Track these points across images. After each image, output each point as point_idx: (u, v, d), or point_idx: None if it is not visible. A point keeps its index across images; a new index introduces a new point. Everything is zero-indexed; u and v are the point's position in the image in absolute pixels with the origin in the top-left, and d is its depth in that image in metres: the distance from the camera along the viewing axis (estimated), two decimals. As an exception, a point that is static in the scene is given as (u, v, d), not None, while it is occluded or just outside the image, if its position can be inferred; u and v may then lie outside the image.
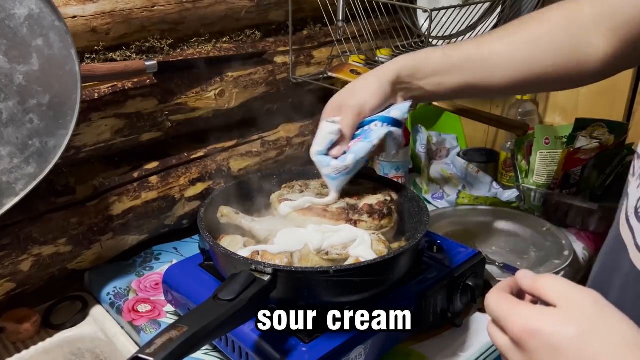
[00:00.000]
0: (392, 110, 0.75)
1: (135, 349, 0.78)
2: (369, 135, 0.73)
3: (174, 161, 0.98)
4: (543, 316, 0.43)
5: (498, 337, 0.46)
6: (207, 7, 0.95)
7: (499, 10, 1.15)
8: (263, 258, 0.69)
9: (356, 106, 0.74)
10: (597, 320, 0.42)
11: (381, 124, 0.73)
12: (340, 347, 0.65)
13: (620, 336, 0.41)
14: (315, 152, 0.74)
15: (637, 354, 0.40)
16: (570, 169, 1.11)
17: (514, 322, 0.44)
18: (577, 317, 0.43)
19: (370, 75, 0.77)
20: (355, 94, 0.75)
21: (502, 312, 0.46)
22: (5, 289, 0.81)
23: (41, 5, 0.67)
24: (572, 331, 0.42)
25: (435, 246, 0.82)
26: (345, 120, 0.74)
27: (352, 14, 1.05)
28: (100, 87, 0.86)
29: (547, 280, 0.46)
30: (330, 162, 0.73)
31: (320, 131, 0.74)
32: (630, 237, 0.54)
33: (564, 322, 0.42)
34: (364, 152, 0.73)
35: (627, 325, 0.42)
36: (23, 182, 0.70)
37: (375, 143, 0.73)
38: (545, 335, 0.42)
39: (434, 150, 1.37)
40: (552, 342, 0.42)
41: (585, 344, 0.41)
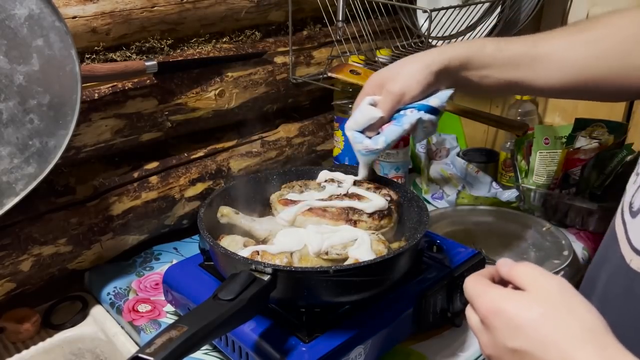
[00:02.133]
0: (432, 98, 0.75)
1: (135, 349, 0.78)
2: (401, 120, 0.74)
3: (174, 161, 0.98)
4: (509, 297, 0.46)
5: (471, 317, 0.49)
6: (207, 7, 0.95)
7: (498, 10, 1.15)
8: (263, 258, 0.69)
9: (397, 94, 0.73)
10: (560, 306, 0.44)
11: (417, 111, 0.74)
12: (340, 346, 0.65)
13: (578, 321, 0.43)
14: (351, 128, 0.77)
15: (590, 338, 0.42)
16: (569, 169, 1.11)
17: (481, 302, 0.47)
18: (540, 300, 0.45)
19: (418, 61, 0.75)
20: (399, 79, 0.74)
21: (475, 292, 0.49)
22: (5, 289, 0.81)
23: (41, 6, 0.67)
24: (534, 313, 0.44)
25: (435, 246, 0.82)
26: (384, 104, 0.74)
27: (352, 14, 1.05)
28: (100, 87, 0.86)
29: (521, 267, 0.48)
30: (363, 140, 0.76)
31: (360, 111, 0.75)
32: (622, 231, 0.54)
33: (527, 305, 0.45)
34: (394, 136, 0.74)
35: (588, 312, 0.44)
36: (23, 182, 0.70)
37: (407, 128, 0.74)
38: (508, 315, 0.45)
39: (433, 150, 1.37)
40: (513, 321, 0.44)
41: (543, 326, 0.43)
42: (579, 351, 0.41)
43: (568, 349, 0.42)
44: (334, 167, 0.91)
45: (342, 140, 1.12)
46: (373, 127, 0.75)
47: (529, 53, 0.73)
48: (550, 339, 0.42)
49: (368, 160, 0.80)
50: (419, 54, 0.77)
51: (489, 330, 0.46)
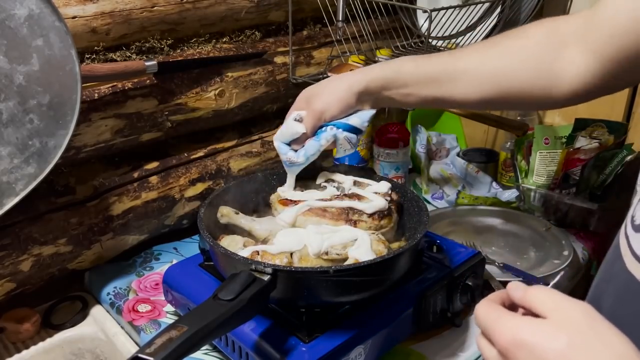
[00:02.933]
0: (353, 117, 0.79)
1: (135, 349, 0.78)
2: (319, 136, 0.79)
3: (174, 161, 0.98)
4: (531, 327, 0.42)
5: (486, 349, 0.45)
6: (207, 7, 0.95)
7: (498, 10, 1.15)
8: (263, 258, 0.69)
9: (318, 111, 0.78)
10: (587, 333, 0.41)
11: (336, 128, 0.78)
12: (340, 346, 0.65)
13: (608, 349, 0.40)
14: (277, 139, 0.81)
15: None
16: (569, 169, 1.11)
17: (501, 333, 0.43)
18: (566, 329, 0.41)
19: (343, 81, 0.79)
20: (322, 96, 0.78)
21: (490, 322, 0.45)
22: (5, 289, 0.81)
23: (41, 6, 0.67)
24: (561, 343, 0.40)
25: (435, 246, 0.82)
26: (307, 121, 0.78)
27: (352, 14, 1.05)
28: (100, 87, 0.86)
29: (538, 292, 0.44)
30: (287, 152, 0.80)
31: (286, 125, 0.80)
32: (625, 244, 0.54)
33: (553, 334, 0.41)
34: (313, 150, 0.79)
35: (619, 340, 0.41)
36: (23, 182, 0.70)
37: (323, 143, 0.78)
38: (533, 347, 0.41)
39: (433, 151, 1.37)
40: (539, 354, 0.41)
41: (571, 356, 0.40)
42: None
43: None
44: (333, 167, 0.92)
45: (342, 140, 1.12)
46: (298, 141, 0.79)
47: (446, 70, 0.75)
48: None
49: (293, 172, 0.83)
50: (346, 73, 0.81)
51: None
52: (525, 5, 1.21)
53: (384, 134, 1.15)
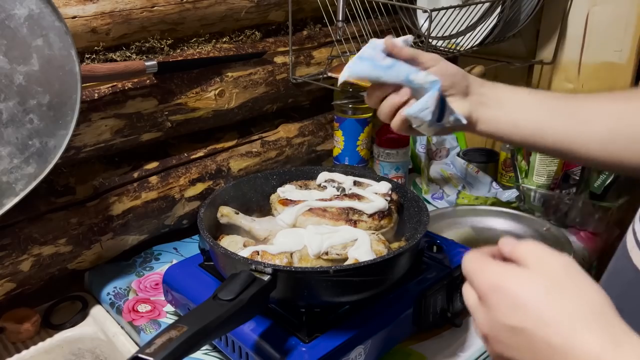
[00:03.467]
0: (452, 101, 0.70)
1: (135, 349, 0.78)
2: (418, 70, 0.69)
3: (174, 161, 0.98)
4: (509, 273, 0.43)
5: (468, 295, 0.47)
6: (207, 7, 0.95)
7: (498, 10, 1.15)
8: (263, 258, 0.69)
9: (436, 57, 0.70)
10: (564, 284, 0.41)
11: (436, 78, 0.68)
12: (340, 347, 0.65)
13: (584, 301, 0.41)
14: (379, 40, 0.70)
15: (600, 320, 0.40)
16: (569, 169, 1.11)
17: (480, 278, 0.45)
18: (543, 277, 0.42)
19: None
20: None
21: (473, 268, 0.46)
22: (5, 289, 0.81)
23: (41, 6, 0.67)
24: (536, 290, 0.41)
25: (434, 246, 0.82)
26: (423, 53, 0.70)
27: (352, 14, 1.05)
28: (100, 87, 0.86)
29: (525, 245, 0.45)
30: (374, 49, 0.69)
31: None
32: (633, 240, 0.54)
33: (529, 281, 0.42)
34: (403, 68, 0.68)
35: (595, 292, 0.41)
36: (23, 182, 0.70)
37: (419, 76, 0.68)
38: (508, 291, 0.42)
39: (433, 150, 1.37)
40: (513, 298, 0.42)
41: (545, 303, 0.41)
42: (583, 331, 0.39)
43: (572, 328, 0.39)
44: (333, 167, 0.92)
45: (342, 140, 1.12)
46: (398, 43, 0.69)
47: (564, 96, 0.70)
48: (552, 317, 0.40)
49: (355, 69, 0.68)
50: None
51: (486, 308, 0.44)
52: (525, 5, 1.21)
53: (384, 134, 1.15)
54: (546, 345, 0.40)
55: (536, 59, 1.30)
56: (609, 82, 1.18)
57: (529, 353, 0.41)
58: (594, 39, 1.19)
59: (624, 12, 1.14)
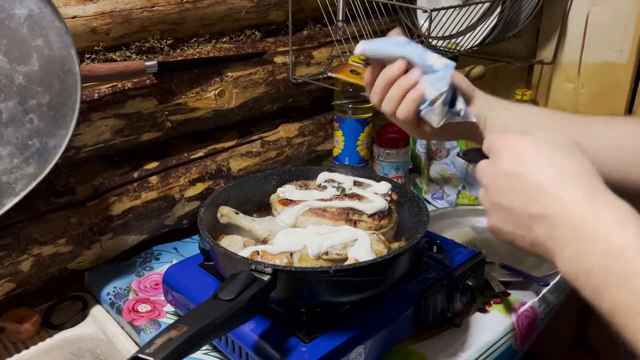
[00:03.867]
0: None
1: (135, 349, 0.78)
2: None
3: (174, 161, 0.98)
4: (525, 137, 0.51)
5: (481, 163, 0.54)
6: (207, 7, 0.95)
7: (498, 10, 1.15)
8: (263, 258, 0.69)
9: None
10: (563, 147, 0.50)
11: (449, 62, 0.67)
12: (340, 347, 0.65)
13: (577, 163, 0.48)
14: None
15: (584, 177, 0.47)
16: (570, 169, 1.11)
17: (498, 139, 0.52)
18: (548, 141, 0.50)
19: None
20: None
21: (494, 138, 0.53)
22: (5, 289, 0.81)
23: (41, 6, 0.67)
24: (535, 146, 0.50)
25: (435, 246, 0.82)
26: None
27: (352, 14, 1.05)
28: (100, 87, 0.86)
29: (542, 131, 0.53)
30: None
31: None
32: None
33: (538, 143, 0.50)
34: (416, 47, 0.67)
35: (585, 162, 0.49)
36: (23, 182, 0.70)
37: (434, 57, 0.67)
38: (513, 146, 0.51)
39: (433, 150, 1.37)
40: (516, 151, 0.50)
41: (542, 157, 0.49)
42: (571, 180, 0.47)
43: (559, 178, 0.47)
44: (333, 167, 0.92)
45: (342, 140, 1.12)
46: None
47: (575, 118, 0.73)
48: (545, 167, 0.48)
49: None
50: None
51: (494, 161, 0.51)
52: (525, 5, 1.21)
53: (384, 134, 1.15)
54: (536, 187, 0.47)
55: (536, 59, 1.30)
56: (609, 82, 1.18)
57: (520, 196, 0.48)
58: (594, 39, 1.19)
59: (624, 12, 1.14)
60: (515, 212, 0.49)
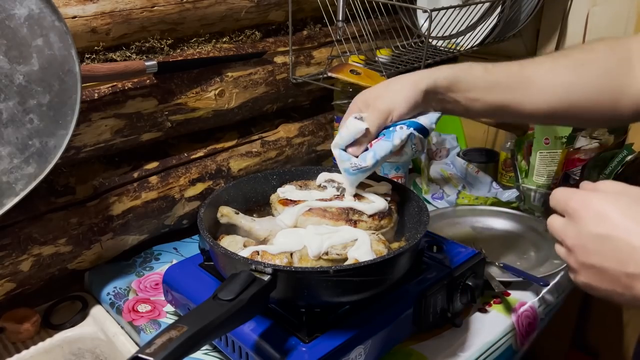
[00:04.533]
0: (421, 117, 0.74)
1: (135, 349, 0.78)
2: (391, 135, 0.72)
3: (174, 161, 0.98)
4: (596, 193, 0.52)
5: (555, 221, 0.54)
6: (207, 7, 0.95)
7: (498, 10, 1.15)
8: (263, 258, 0.69)
9: (385, 110, 0.72)
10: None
11: (406, 127, 0.72)
12: (340, 347, 0.65)
13: None
14: (337, 145, 0.74)
15: None
16: (570, 169, 1.11)
17: (574, 199, 0.52)
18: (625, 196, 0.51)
19: (405, 80, 0.74)
20: (385, 97, 0.73)
21: (567, 194, 0.54)
22: (5, 289, 0.81)
23: (41, 6, 0.67)
24: (619, 205, 0.49)
25: (435, 246, 0.82)
26: (372, 120, 0.72)
27: (352, 14, 1.05)
28: (100, 87, 0.86)
29: (608, 181, 0.53)
30: (350, 158, 0.73)
31: (346, 126, 0.72)
32: None
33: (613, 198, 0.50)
34: (384, 152, 0.72)
35: None
36: (23, 182, 0.70)
37: (396, 144, 0.71)
38: (596, 206, 0.50)
39: (433, 150, 1.37)
40: (600, 211, 0.50)
41: (629, 216, 0.48)
42: None
43: None
44: (333, 167, 0.91)
45: (342, 140, 1.12)
46: (359, 142, 0.73)
47: (515, 75, 0.74)
48: (634, 225, 0.48)
49: (355, 180, 0.76)
50: (404, 75, 0.76)
51: (575, 222, 0.51)
52: (525, 5, 1.21)
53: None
54: (630, 248, 0.47)
55: (536, 59, 1.30)
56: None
57: (613, 257, 0.48)
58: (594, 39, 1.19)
59: (624, 12, 1.14)
60: (610, 272, 0.49)
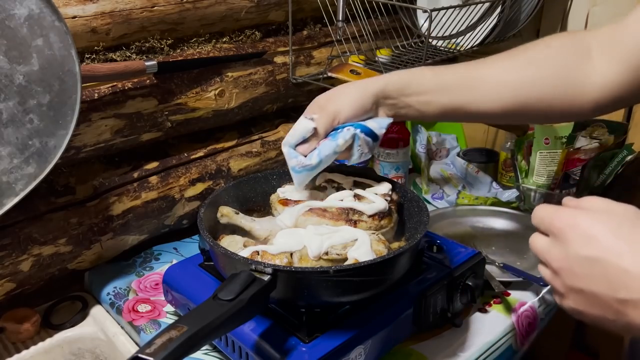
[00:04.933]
0: (370, 121, 0.76)
1: (135, 349, 0.78)
2: (336, 135, 0.75)
3: (174, 161, 0.98)
4: (583, 213, 0.49)
5: (537, 240, 0.52)
6: (207, 7, 0.95)
7: (498, 10, 1.15)
8: (263, 258, 0.69)
9: (332, 112, 0.74)
10: (633, 220, 0.47)
11: (353, 129, 0.75)
12: (340, 347, 0.65)
13: None
14: (287, 144, 0.76)
15: None
16: (570, 169, 1.11)
17: (555, 219, 0.50)
18: (613, 215, 0.47)
19: (357, 84, 0.77)
20: (335, 100, 0.76)
21: (547, 212, 0.51)
22: (5, 289, 0.81)
23: (41, 6, 0.67)
24: (608, 225, 0.47)
25: (435, 246, 0.82)
26: (320, 121, 0.75)
27: (352, 14, 1.05)
28: (100, 87, 0.86)
29: (592, 197, 0.51)
30: (297, 156, 0.76)
31: (296, 125, 0.76)
32: None
33: (601, 218, 0.47)
34: (328, 151, 0.74)
35: None
36: (23, 182, 0.70)
37: (340, 143, 0.74)
38: (583, 227, 0.47)
39: (433, 151, 1.37)
40: (588, 233, 0.47)
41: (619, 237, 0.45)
42: None
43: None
44: (333, 167, 0.91)
45: (342, 140, 1.12)
46: (308, 141, 0.75)
47: (466, 77, 0.74)
48: (625, 247, 0.45)
49: (302, 179, 0.78)
50: (360, 80, 0.78)
51: (561, 243, 0.49)
52: (525, 5, 1.21)
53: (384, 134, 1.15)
54: (621, 272, 0.44)
55: (536, 59, 1.30)
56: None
57: (603, 281, 0.45)
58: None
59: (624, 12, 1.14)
60: (600, 297, 0.46)
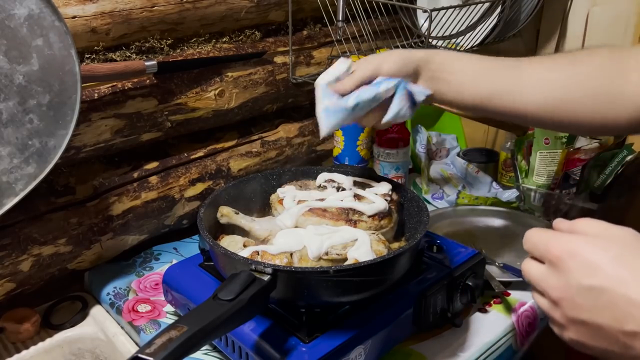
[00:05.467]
0: (411, 84, 0.73)
1: (135, 349, 0.78)
2: (378, 83, 0.70)
3: (173, 161, 0.98)
4: (582, 240, 0.46)
5: (532, 268, 0.49)
6: (207, 7, 0.95)
7: (498, 10, 1.15)
8: (263, 258, 0.69)
9: (376, 62, 0.72)
10: (634, 247, 0.45)
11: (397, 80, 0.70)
12: (340, 347, 0.65)
13: None
14: (322, 80, 0.72)
15: None
16: (570, 169, 1.11)
17: (555, 244, 0.47)
18: (613, 242, 0.45)
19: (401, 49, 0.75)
20: (379, 56, 0.74)
21: (544, 238, 0.48)
22: (5, 289, 0.81)
23: (41, 6, 0.67)
24: (610, 253, 0.44)
25: (435, 246, 0.82)
26: (361, 65, 0.72)
27: (352, 14, 1.05)
28: (100, 87, 0.86)
29: (585, 220, 0.48)
30: (332, 96, 0.71)
31: (334, 64, 0.73)
32: None
33: (602, 245, 0.45)
34: (367, 95, 0.69)
35: None
36: (23, 182, 0.70)
37: (381, 89, 0.69)
38: (584, 255, 0.45)
39: (433, 150, 1.37)
40: (590, 261, 0.44)
41: (623, 265, 0.43)
42: None
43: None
44: (333, 167, 0.92)
45: (342, 140, 1.12)
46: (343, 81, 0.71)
47: (511, 65, 0.73)
48: (629, 275, 0.43)
49: (332, 122, 0.71)
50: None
51: (560, 272, 0.46)
52: (525, 5, 1.21)
53: (384, 134, 1.15)
54: (628, 303, 0.42)
55: (536, 59, 1.30)
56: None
57: (608, 312, 0.43)
58: (594, 39, 1.19)
59: (624, 12, 1.14)
60: (605, 329, 0.44)
